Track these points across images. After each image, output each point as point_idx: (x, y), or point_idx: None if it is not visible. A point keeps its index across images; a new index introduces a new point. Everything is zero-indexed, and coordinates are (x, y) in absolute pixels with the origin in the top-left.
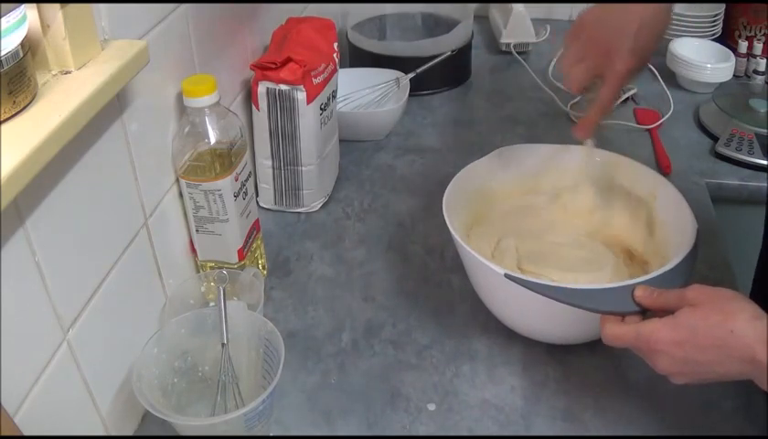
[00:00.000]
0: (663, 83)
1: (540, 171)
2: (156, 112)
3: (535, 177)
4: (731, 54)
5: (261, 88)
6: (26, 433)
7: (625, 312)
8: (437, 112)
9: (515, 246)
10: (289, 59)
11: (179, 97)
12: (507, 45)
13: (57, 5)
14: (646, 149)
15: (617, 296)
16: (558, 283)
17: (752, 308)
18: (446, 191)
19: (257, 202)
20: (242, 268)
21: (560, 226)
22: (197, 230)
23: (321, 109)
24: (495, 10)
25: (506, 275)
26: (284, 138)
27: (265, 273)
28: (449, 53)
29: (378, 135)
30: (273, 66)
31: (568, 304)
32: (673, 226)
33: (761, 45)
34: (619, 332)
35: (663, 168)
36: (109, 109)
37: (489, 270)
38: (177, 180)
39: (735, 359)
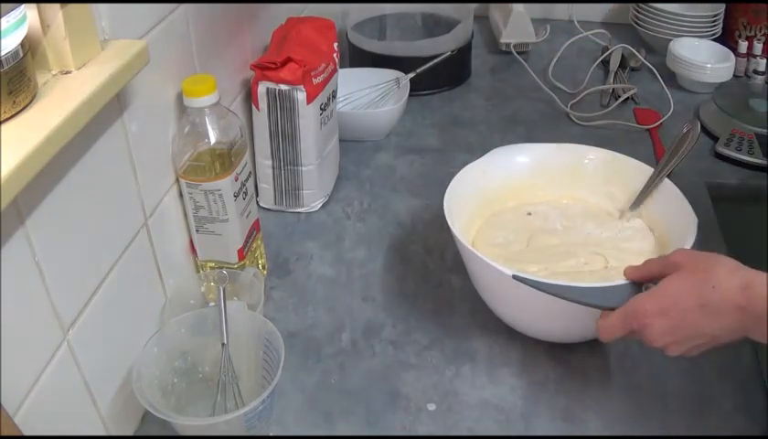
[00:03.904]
0: (663, 83)
1: (537, 170)
2: (156, 112)
3: (533, 177)
4: (731, 54)
5: (261, 88)
6: (26, 433)
7: None
8: (437, 112)
9: (517, 248)
10: (289, 59)
11: (179, 97)
12: (507, 45)
13: (57, 5)
14: (646, 149)
15: (629, 293)
16: (568, 282)
17: (732, 262)
18: (446, 193)
19: (257, 202)
20: (242, 268)
21: (558, 228)
22: (197, 230)
23: (321, 109)
24: (495, 10)
25: (515, 276)
26: (284, 138)
27: (265, 272)
28: (449, 53)
29: (378, 135)
30: (273, 66)
31: (580, 303)
32: (673, 221)
33: (761, 45)
34: (608, 321)
35: None
36: (109, 109)
37: (496, 271)
38: (177, 180)
39: (722, 315)
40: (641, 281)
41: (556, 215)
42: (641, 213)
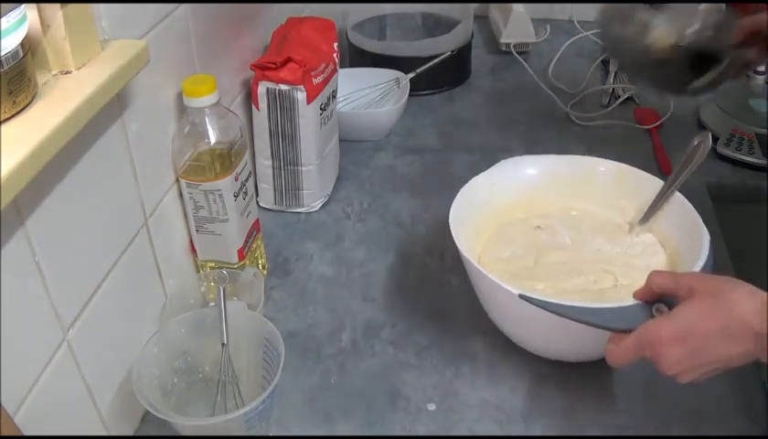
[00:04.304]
0: None
1: (546, 182)
2: (156, 111)
3: (541, 189)
4: None
5: (261, 88)
6: (26, 433)
7: None
8: (437, 112)
9: (524, 264)
10: (289, 59)
11: (179, 97)
12: (507, 45)
13: (57, 5)
14: (646, 149)
15: (639, 313)
16: (575, 302)
17: (747, 285)
18: (451, 209)
19: (257, 202)
20: (242, 268)
21: (567, 242)
22: (197, 230)
23: (321, 109)
24: (495, 10)
25: (521, 296)
26: (284, 138)
27: (265, 272)
28: (449, 53)
29: (378, 135)
30: (273, 66)
31: (587, 324)
32: (684, 237)
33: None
34: (620, 347)
35: (663, 168)
36: (109, 109)
37: (503, 290)
38: (177, 180)
39: (738, 338)
40: (651, 299)
41: (565, 229)
42: (651, 228)
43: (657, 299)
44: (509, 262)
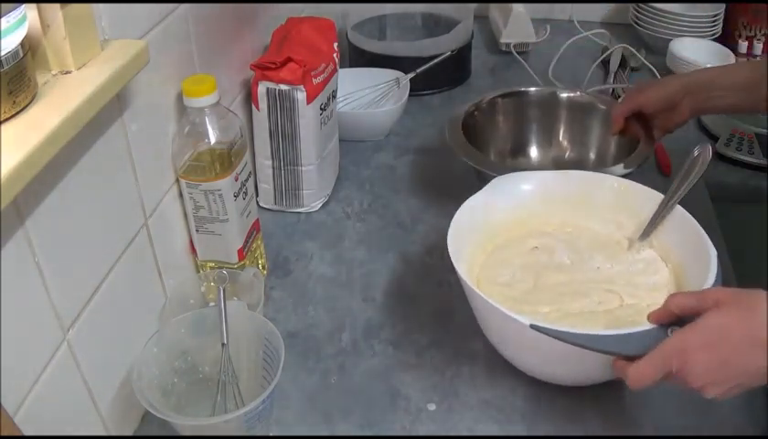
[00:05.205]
0: None
1: (542, 199)
2: (156, 112)
3: (537, 205)
4: (731, 54)
5: (261, 88)
6: (26, 433)
7: None
8: (437, 112)
9: (524, 287)
10: (289, 59)
11: (179, 97)
12: (507, 45)
13: (57, 5)
14: None
15: (656, 337)
16: (590, 331)
17: None
18: (449, 237)
19: (257, 202)
20: (242, 268)
21: (566, 262)
22: (197, 230)
23: (321, 109)
24: (495, 10)
25: (533, 326)
26: (284, 138)
27: (265, 272)
28: (449, 53)
29: (378, 135)
30: (273, 66)
31: (604, 352)
32: (687, 252)
33: (761, 45)
34: (641, 367)
35: (663, 169)
36: (109, 109)
37: (512, 320)
38: (177, 180)
39: (765, 352)
40: (667, 322)
41: (562, 248)
42: (652, 243)
43: (673, 322)
44: (509, 286)
